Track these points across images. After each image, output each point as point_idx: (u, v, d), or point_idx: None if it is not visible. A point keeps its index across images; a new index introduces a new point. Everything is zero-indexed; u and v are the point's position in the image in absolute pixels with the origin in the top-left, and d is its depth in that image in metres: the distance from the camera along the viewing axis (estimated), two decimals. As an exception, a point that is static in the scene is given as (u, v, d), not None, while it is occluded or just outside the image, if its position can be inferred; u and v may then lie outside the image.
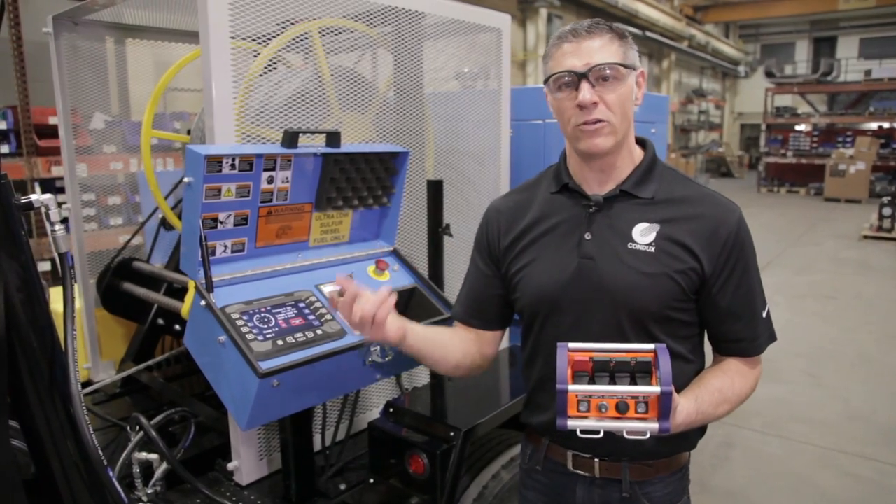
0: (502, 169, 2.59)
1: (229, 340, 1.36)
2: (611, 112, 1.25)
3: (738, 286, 1.31)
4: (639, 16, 16.64)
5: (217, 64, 1.62)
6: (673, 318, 1.31)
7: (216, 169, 1.44)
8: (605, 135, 1.26)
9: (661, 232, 1.29)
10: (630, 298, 1.29)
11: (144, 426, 1.69)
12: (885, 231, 11.05)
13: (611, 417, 1.07)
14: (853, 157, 16.13)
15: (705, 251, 1.28)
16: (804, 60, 22.94)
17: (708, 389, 1.28)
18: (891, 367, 5.26)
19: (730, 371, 1.34)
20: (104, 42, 2.74)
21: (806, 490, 3.46)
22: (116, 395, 2.57)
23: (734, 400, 1.32)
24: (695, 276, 1.29)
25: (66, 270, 1.28)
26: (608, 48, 1.25)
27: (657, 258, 1.28)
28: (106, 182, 3.65)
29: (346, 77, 2.11)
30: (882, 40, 21.62)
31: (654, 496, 1.39)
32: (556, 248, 1.36)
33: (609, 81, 1.24)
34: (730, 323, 1.34)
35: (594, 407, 1.07)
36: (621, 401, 1.07)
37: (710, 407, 1.26)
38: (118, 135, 3.56)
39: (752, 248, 1.34)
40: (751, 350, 1.36)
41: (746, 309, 1.33)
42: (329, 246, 1.79)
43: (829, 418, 4.32)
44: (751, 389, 1.36)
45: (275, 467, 1.90)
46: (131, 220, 3.95)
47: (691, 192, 1.34)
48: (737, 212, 1.32)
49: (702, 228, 1.29)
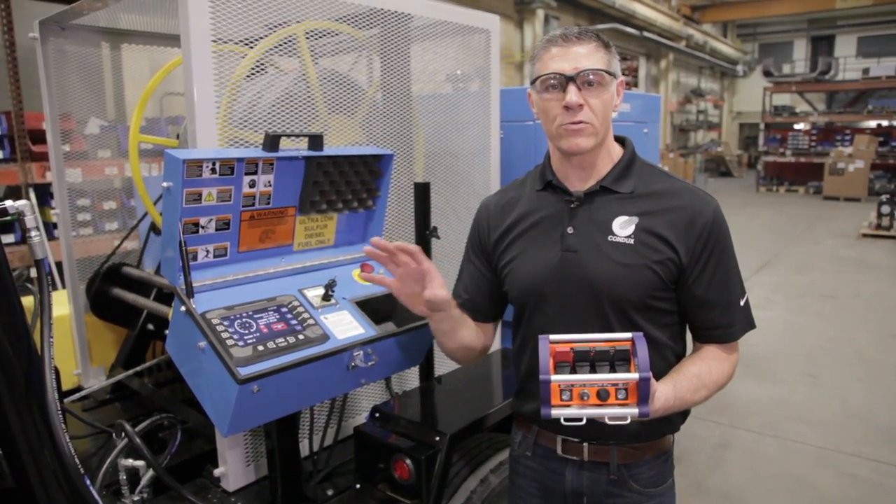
0: (492, 170, 2.58)
1: (209, 346, 1.34)
2: (593, 115, 1.33)
3: (713, 275, 1.37)
4: (636, 16, 16.64)
5: (198, 67, 1.61)
6: (653, 306, 1.38)
7: (196, 173, 1.43)
8: (586, 135, 1.34)
9: (639, 224, 1.37)
10: (611, 288, 1.36)
11: (129, 433, 1.67)
12: (883, 229, 11.03)
13: (593, 405, 1.13)
14: (852, 156, 16.10)
15: (682, 242, 1.35)
16: (802, 59, 22.92)
17: (686, 376, 1.34)
18: (889, 366, 5.24)
19: (707, 358, 1.39)
20: (93, 46, 2.73)
21: (803, 491, 3.44)
22: (106, 402, 2.55)
23: (711, 385, 1.36)
24: (672, 266, 1.36)
25: (43, 277, 1.27)
26: (594, 55, 1.33)
27: (636, 250, 1.35)
28: (101, 187, 3.64)
29: (334, 80, 2.10)
30: (880, 38, 21.61)
31: (640, 478, 1.45)
32: (540, 241, 1.44)
33: (594, 86, 1.32)
34: (706, 311, 1.39)
35: (576, 395, 1.13)
36: (602, 388, 1.12)
37: (687, 392, 1.31)
38: (113, 139, 3.56)
39: (729, 238, 1.39)
40: (726, 336, 1.40)
41: (722, 297, 1.38)
42: (314, 250, 1.78)
43: (826, 418, 4.30)
44: (728, 375, 1.40)
45: (262, 473, 1.89)
46: (126, 225, 3.94)
47: (669, 185, 1.41)
48: (712, 203, 1.38)
49: (678, 220, 1.35)
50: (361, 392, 2.17)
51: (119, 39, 2.83)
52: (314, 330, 1.50)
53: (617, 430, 1.33)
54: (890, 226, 11.02)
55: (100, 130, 3.17)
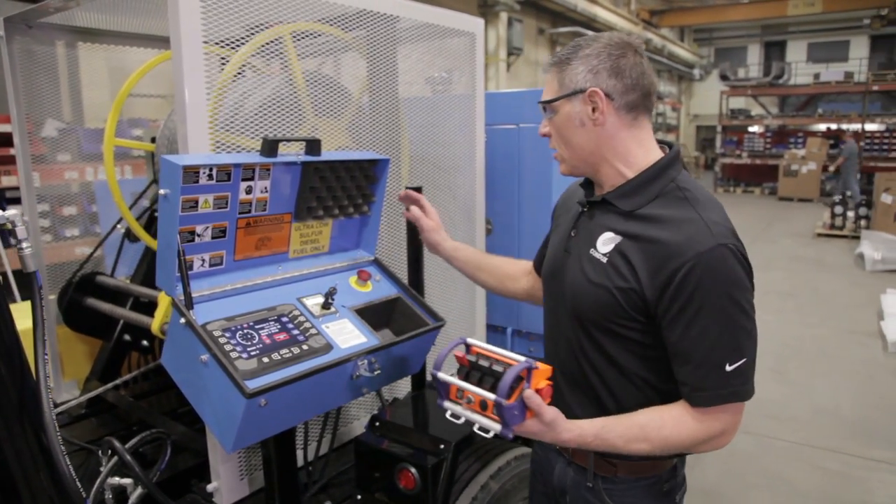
0: (478, 174, 2.57)
1: (212, 359, 1.29)
2: (558, 143, 1.39)
3: (689, 325, 1.20)
4: (597, 20, 16.86)
5: (189, 69, 1.55)
6: (617, 332, 1.30)
7: (193, 180, 1.37)
8: (561, 162, 1.41)
9: (618, 246, 1.30)
10: (575, 301, 1.36)
11: (119, 450, 1.60)
12: (836, 229, 11.43)
13: (472, 410, 1.22)
14: (805, 158, 16.65)
15: (649, 277, 1.23)
16: (756, 64, 23.55)
17: (627, 422, 1.25)
18: (850, 361, 5.42)
19: (668, 413, 1.26)
20: (61, 46, 2.63)
21: (779, 486, 3.53)
22: (81, 417, 2.45)
23: (657, 442, 1.24)
24: (636, 297, 1.25)
25: (36, 291, 1.21)
26: (549, 85, 1.36)
27: (605, 270, 1.30)
28: (60, 192, 3.50)
29: (320, 82, 2.06)
30: (828, 45, 22.36)
31: (614, 494, 1.39)
32: (560, 237, 1.49)
33: (548, 115, 1.37)
34: (678, 363, 1.25)
35: (465, 397, 1.23)
36: (483, 399, 1.20)
37: (619, 439, 1.24)
38: (73, 143, 3.43)
39: (721, 288, 1.19)
40: (693, 399, 1.23)
41: (696, 352, 1.21)
42: (309, 257, 1.73)
43: (796, 414, 4.42)
44: (688, 439, 1.24)
45: (256, 486, 1.83)
46: (88, 231, 3.80)
47: (677, 214, 1.25)
48: (703, 246, 1.19)
49: (655, 254, 1.23)
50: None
51: (85, 38, 2.72)
52: (317, 340, 1.46)
53: None
54: (843, 225, 11.42)
55: (57, 133, 3.06)
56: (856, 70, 19.63)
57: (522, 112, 2.78)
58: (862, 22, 19.87)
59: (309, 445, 1.90)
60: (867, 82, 17.62)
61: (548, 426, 1.19)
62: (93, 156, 3.29)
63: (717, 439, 1.25)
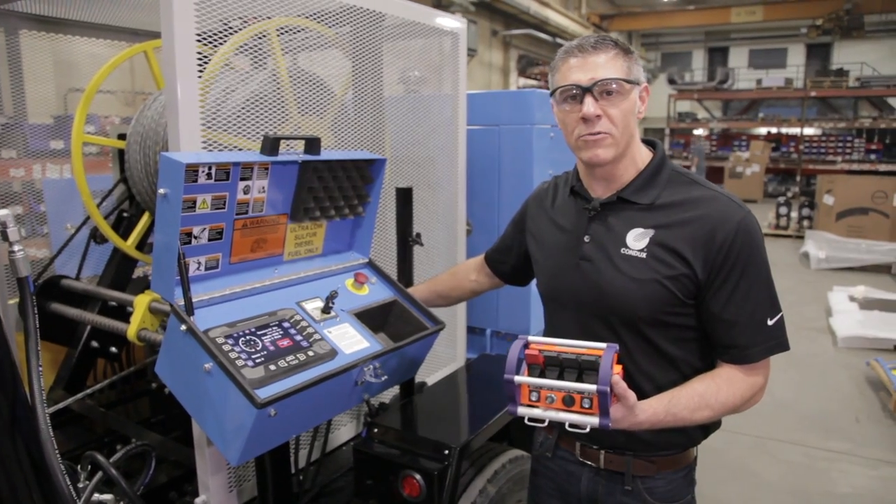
0: (459, 174, 2.55)
1: (217, 368, 1.23)
2: (613, 125, 1.31)
3: (733, 291, 1.29)
4: (549, 23, 17.08)
5: (182, 64, 1.48)
6: (667, 322, 1.33)
7: (192, 178, 1.31)
8: (605, 146, 1.32)
9: (654, 238, 1.32)
10: (620, 303, 1.33)
11: (104, 466, 1.51)
12: (782, 228, 11.87)
13: (557, 409, 1.15)
14: (749, 160, 17.23)
15: (698, 256, 1.29)
16: (701, 68, 24.27)
17: (688, 393, 1.29)
18: (808, 356, 5.62)
19: (719, 377, 1.32)
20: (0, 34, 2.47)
21: (746, 478, 3.62)
22: (47, 429, 2.32)
23: (717, 407, 1.29)
24: (688, 281, 1.30)
25: (27, 297, 1.13)
26: (612, 63, 1.29)
27: (647, 264, 1.31)
28: (4, 191, 3.31)
29: (304, 79, 2.00)
30: (769, 52, 23.21)
31: (655, 492, 1.42)
32: (562, 246, 1.46)
33: (613, 96, 1.29)
34: (723, 329, 1.32)
35: (543, 398, 1.16)
36: (568, 395, 1.14)
37: (685, 410, 1.27)
38: (18, 138, 3.25)
39: (758, 251, 1.31)
40: (740, 358, 1.32)
41: (742, 315, 1.30)
42: (303, 259, 1.68)
43: (759, 408, 4.48)
44: (741, 398, 1.31)
45: (246, 497, 1.76)
46: (35, 232, 3.61)
47: (695, 194, 1.34)
48: (738, 214, 1.30)
49: (696, 233, 1.30)
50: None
51: (23, 26, 2.57)
52: (321, 346, 1.41)
53: (633, 440, 1.36)
54: (787, 226, 11.87)
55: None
56: (794, 76, 20.43)
57: (501, 113, 2.78)
58: (799, 31, 20.69)
59: (297, 454, 1.84)
60: (805, 88, 18.37)
61: (629, 409, 1.19)
62: (41, 153, 3.14)
63: (759, 393, 1.35)
